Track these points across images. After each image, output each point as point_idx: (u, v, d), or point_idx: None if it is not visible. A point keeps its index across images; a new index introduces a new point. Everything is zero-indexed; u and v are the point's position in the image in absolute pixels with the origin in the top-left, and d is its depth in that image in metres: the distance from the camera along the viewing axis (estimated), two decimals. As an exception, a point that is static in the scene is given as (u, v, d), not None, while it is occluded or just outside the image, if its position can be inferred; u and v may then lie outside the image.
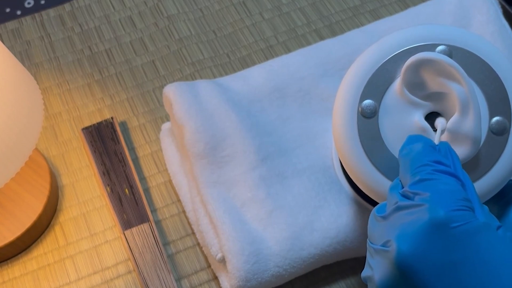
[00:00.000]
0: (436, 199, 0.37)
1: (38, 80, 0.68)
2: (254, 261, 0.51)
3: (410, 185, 0.39)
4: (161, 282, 0.55)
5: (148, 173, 0.62)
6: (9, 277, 0.57)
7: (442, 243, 0.36)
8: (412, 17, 0.61)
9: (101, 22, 0.72)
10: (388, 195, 0.41)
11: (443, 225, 0.36)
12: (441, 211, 0.37)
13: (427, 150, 0.41)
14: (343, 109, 0.46)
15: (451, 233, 0.36)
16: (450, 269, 0.36)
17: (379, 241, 0.39)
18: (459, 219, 0.37)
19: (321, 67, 0.58)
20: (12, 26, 0.71)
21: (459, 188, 0.38)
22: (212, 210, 0.53)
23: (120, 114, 0.65)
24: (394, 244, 0.37)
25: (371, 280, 0.40)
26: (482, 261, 0.36)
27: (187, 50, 0.69)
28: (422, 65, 0.43)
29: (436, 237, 0.36)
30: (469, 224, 0.37)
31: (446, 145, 0.42)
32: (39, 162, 0.59)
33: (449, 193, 0.38)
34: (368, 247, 0.41)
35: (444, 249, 0.36)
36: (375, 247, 0.39)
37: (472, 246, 0.36)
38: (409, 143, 0.42)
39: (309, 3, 0.72)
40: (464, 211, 0.37)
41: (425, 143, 0.41)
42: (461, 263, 0.36)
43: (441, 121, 0.44)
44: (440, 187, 0.38)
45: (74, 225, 0.59)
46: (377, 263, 0.39)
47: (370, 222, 0.42)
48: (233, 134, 0.54)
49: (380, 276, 0.38)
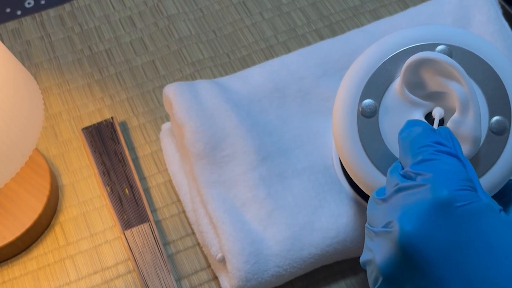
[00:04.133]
0: (439, 179, 0.37)
1: (38, 80, 0.68)
2: (254, 261, 0.51)
3: (412, 166, 0.39)
4: (161, 282, 0.55)
5: (148, 173, 0.62)
6: (9, 277, 0.57)
7: (445, 222, 0.36)
8: (412, 17, 0.61)
9: (101, 22, 0.72)
10: (388, 177, 0.41)
11: (446, 204, 0.36)
12: (445, 191, 0.36)
13: (428, 132, 0.41)
14: (343, 108, 0.46)
15: (455, 212, 0.36)
16: (454, 249, 0.36)
17: (379, 223, 0.39)
18: (463, 199, 0.36)
19: (321, 67, 0.58)
20: (12, 26, 0.72)
21: (462, 169, 0.38)
22: (212, 210, 0.53)
23: (120, 114, 0.65)
24: (396, 225, 0.37)
25: (372, 263, 0.39)
26: (486, 242, 0.36)
27: (187, 50, 0.69)
28: (422, 65, 0.43)
29: (439, 217, 0.36)
30: (473, 204, 0.36)
31: (447, 129, 0.41)
32: (39, 162, 0.59)
33: (452, 173, 0.38)
34: (367, 231, 0.41)
35: (448, 228, 0.36)
36: (375, 230, 0.39)
37: (476, 226, 0.36)
38: (408, 127, 0.42)
39: (309, 3, 0.72)
40: (467, 190, 0.37)
41: (425, 125, 0.41)
42: (465, 243, 0.36)
43: (438, 110, 0.44)
44: (443, 167, 0.38)
45: (74, 225, 0.59)
46: (378, 245, 0.38)
47: (369, 206, 0.41)
48: (233, 134, 0.54)
49: (381, 258, 0.38)
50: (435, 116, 0.44)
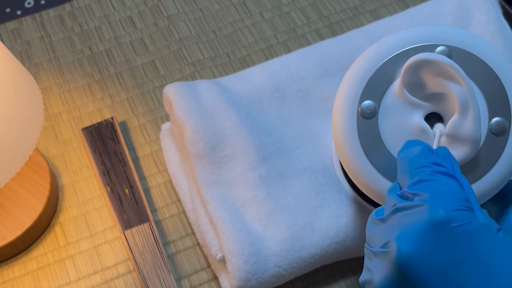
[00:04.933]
0: (436, 199, 0.37)
1: (38, 80, 0.68)
2: (254, 261, 0.51)
3: (409, 186, 0.39)
4: (161, 282, 0.55)
5: (148, 173, 0.62)
6: (9, 277, 0.57)
7: (442, 243, 0.36)
8: (412, 17, 0.61)
9: (101, 22, 0.72)
10: (386, 197, 0.41)
11: (443, 225, 0.36)
12: (441, 211, 0.36)
13: (426, 152, 0.41)
14: (343, 109, 0.46)
15: (452, 233, 0.36)
16: (451, 269, 0.36)
17: (378, 243, 0.39)
18: (460, 219, 0.37)
19: (321, 67, 0.58)
20: (12, 26, 0.72)
21: (459, 189, 0.38)
22: (212, 210, 0.53)
23: (120, 114, 0.65)
24: (394, 245, 0.37)
25: (370, 283, 0.40)
26: (483, 262, 0.36)
27: (187, 50, 0.69)
28: (422, 66, 0.43)
29: (436, 237, 0.36)
30: (470, 224, 0.37)
31: (445, 150, 0.42)
32: (39, 162, 0.59)
33: (449, 193, 0.38)
34: (366, 251, 0.41)
35: (445, 249, 0.36)
36: (374, 250, 0.39)
37: (473, 246, 0.36)
38: (407, 147, 0.42)
39: (309, 3, 0.72)
40: (464, 211, 0.37)
41: (423, 146, 0.41)
42: (462, 263, 0.36)
43: (439, 126, 0.44)
44: (440, 187, 0.38)
45: (74, 225, 0.59)
46: (377, 265, 0.39)
47: (368, 226, 0.42)
48: (233, 134, 0.54)
49: (380, 278, 0.38)
50: (436, 133, 0.44)
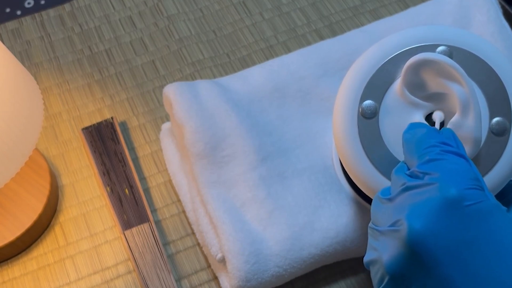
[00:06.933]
0: (447, 178, 0.37)
1: (38, 80, 0.68)
2: (254, 261, 0.51)
3: (419, 165, 0.39)
4: (161, 282, 0.55)
5: (148, 173, 0.62)
6: (9, 277, 0.57)
7: (455, 221, 0.36)
8: (412, 17, 0.61)
9: (101, 22, 0.72)
10: (393, 177, 0.41)
11: (455, 203, 0.36)
12: (453, 190, 0.36)
13: (433, 133, 0.41)
14: (343, 109, 0.46)
15: (464, 211, 0.36)
16: (463, 248, 0.36)
17: (385, 222, 0.39)
18: (472, 198, 0.36)
19: (321, 67, 0.58)
20: (12, 26, 0.71)
21: (469, 168, 0.38)
22: (212, 210, 0.53)
23: (120, 114, 0.65)
24: (405, 223, 0.37)
25: (377, 262, 0.39)
26: (494, 241, 0.36)
27: (187, 50, 0.69)
28: (423, 66, 0.43)
29: (448, 215, 0.36)
30: (482, 203, 0.37)
31: (450, 131, 0.41)
32: (39, 162, 0.59)
33: (460, 172, 0.38)
34: (371, 230, 0.40)
35: (457, 227, 0.36)
36: (381, 229, 0.39)
37: (485, 226, 0.36)
38: (412, 128, 0.42)
39: (309, 3, 0.72)
40: (476, 189, 0.37)
41: (428, 127, 0.41)
42: (474, 242, 0.36)
43: (438, 113, 0.44)
44: (450, 166, 0.38)
45: (74, 225, 0.59)
46: (385, 244, 0.38)
47: (373, 205, 0.41)
48: (233, 134, 0.54)
49: (388, 256, 0.38)
50: (436, 119, 0.44)
